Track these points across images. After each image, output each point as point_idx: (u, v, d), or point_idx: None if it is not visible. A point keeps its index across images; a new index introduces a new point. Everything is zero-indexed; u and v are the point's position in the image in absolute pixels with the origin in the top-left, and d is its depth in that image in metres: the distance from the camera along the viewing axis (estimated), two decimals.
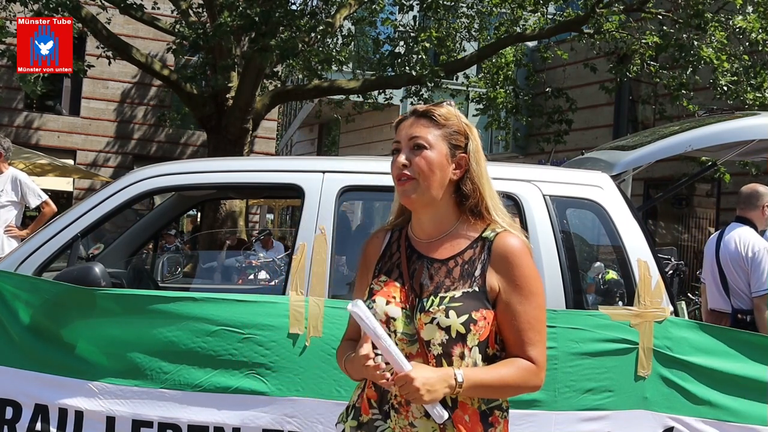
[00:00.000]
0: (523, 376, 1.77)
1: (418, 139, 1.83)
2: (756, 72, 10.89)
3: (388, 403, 1.81)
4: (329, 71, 13.31)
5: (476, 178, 1.86)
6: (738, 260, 4.42)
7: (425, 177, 1.81)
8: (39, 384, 2.80)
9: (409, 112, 1.90)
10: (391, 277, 1.88)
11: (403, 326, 1.80)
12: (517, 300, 1.79)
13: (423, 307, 1.79)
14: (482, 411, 1.80)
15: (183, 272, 5.72)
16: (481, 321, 1.77)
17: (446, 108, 1.88)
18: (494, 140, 21.73)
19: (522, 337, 1.79)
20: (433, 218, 1.88)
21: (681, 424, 2.80)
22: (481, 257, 1.83)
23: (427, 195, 1.82)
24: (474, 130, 1.90)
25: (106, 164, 20.40)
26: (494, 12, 14.25)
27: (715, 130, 3.58)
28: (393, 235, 1.97)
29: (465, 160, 1.86)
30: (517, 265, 1.81)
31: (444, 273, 1.83)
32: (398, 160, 1.83)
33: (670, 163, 12.08)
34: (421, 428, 1.78)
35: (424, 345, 1.78)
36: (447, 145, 1.84)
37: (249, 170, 3.36)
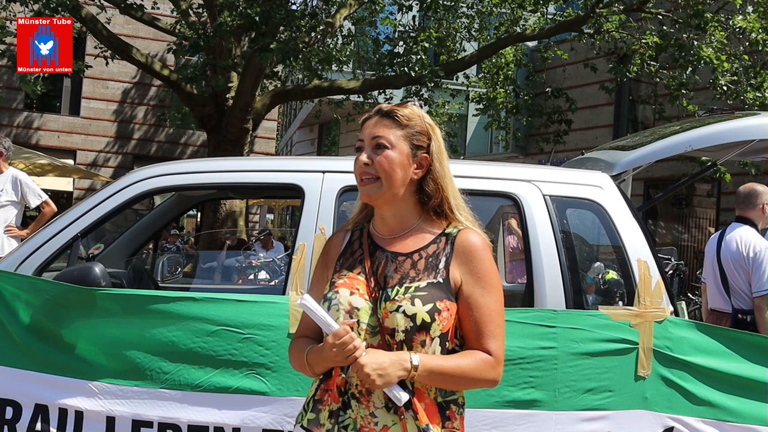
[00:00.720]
0: (481, 368, 1.80)
1: (380, 138, 1.86)
2: (756, 72, 10.89)
3: (348, 393, 1.82)
4: (329, 71, 13.30)
5: (438, 178, 1.90)
6: (739, 260, 4.42)
7: (386, 176, 1.84)
8: (39, 384, 2.80)
9: (374, 111, 1.93)
10: (353, 272, 1.90)
11: (368, 317, 1.82)
12: (479, 293, 1.83)
13: (388, 296, 1.81)
14: (439, 403, 1.82)
15: (183, 272, 5.72)
16: (444, 311, 1.80)
17: (410, 108, 1.91)
18: (494, 140, 21.74)
19: (482, 329, 1.82)
20: (396, 215, 1.91)
21: (681, 424, 2.80)
22: (445, 251, 1.87)
23: (387, 194, 1.86)
24: (437, 131, 1.93)
25: (106, 164, 20.41)
26: (494, 12, 14.27)
27: (715, 130, 3.58)
28: (354, 234, 1.99)
29: (427, 160, 1.89)
30: (480, 259, 1.86)
31: (409, 265, 1.86)
32: (360, 159, 1.87)
33: (670, 163, 12.09)
34: (382, 419, 1.79)
35: (387, 335, 1.79)
36: (408, 145, 1.87)
37: (249, 170, 3.36)
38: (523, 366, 2.72)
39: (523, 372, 2.72)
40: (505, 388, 2.71)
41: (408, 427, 1.76)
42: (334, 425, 1.81)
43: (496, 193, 3.16)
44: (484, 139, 22.55)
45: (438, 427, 1.79)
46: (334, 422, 1.81)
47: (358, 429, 1.79)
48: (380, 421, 1.78)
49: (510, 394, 2.72)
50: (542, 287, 2.93)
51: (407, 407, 1.76)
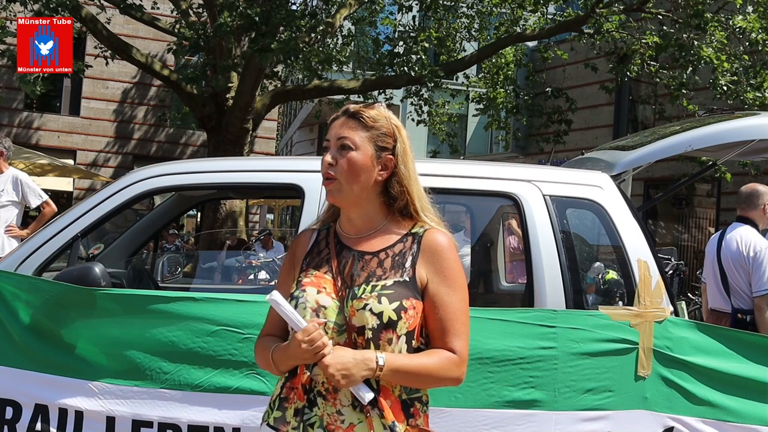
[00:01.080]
0: (445, 366, 1.82)
1: (344, 140, 1.87)
2: (756, 72, 10.89)
3: (314, 391, 1.83)
4: (329, 71, 13.31)
5: (403, 180, 1.91)
6: (740, 260, 4.42)
7: (348, 178, 1.86)
8: (39, 384, 2.80)
9: (341, 111, 1.94)
10: (320, 271, 1.91)
11: (335, 316, 1.83)
12: (444, 291, 1.85)
13: (355, 294, 1.83)
14: (403, 400, 1.84)
15: (183, 272, 5.72)
16: (411, 309, 1.81)
17: (376, 110, 1.92)
18: (494, 140, 21.75)
19: (447, 328, 1.84)
20: (362, 216, 1.93)
21: (681, 424, 2.80)
22: (411, 250, 1.89)
23: (350, 195, 1.87)
24: (403, 132, 1.94)
25: (106, 164, 20.41)
26: (494, 12, 14.27)
27: (715, 130, 3.57)
28: (320, 234, 2.00)
29: (392, 162, 1.90)
30: (446, 258, 1.88)
31: (375, 264, 1.87)
32: (325, 159, 1.88)
33: (670, 163, 12.09)
34: (348, 417, 1.80)
35: (354, 333, 1.81)
36: (373, 146, 1.88)
37: (249, 170, 3.36)
38: (523, 366, 2.72)
39: (523, 372, 2.72)
40: (505, 388, 2.71)
41: (374, 425, 1.77)
42: (299, 423, 1.82)
43: (496, 193, 3.16)
44: (484, 139, 22.57)
45: (403, 425, 1.81)
46: (299, 420, 1.82)
47: (324, 426, 1.80)
48: (346, 419, 1.80)
49: (510, 394, 2.72)
50: (542, 287, 2.93)
51: (373, 405, 1.78)
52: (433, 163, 3.63)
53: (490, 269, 4.75)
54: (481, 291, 4.75)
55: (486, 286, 4.78)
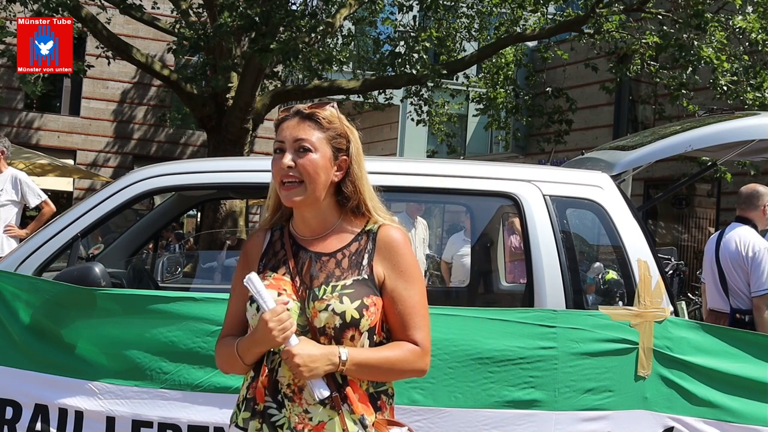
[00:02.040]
0: (408, 358, 1.85)
1: (303, 141, 1.86)
2: (756, 72, 10.89)
3: (281, 392, 1.83)
4: (329, 71, 13.31)
5: (356, 180, 1.92)
6: (738, 260, 4.42)
7: (311, 180, 1.85)
8: (39, 384, 2.80)
9: (292, 111, 1.92)
10: (278, 273, 1.91)
11: (296, 317, 1.83)
12: (402, 286, 1.88)
13: (315, 295, 1.84)
14: (370, 393, 1.86)
15: (183, 272, 5.72)
16: (372, 306, 1.83)
17: (329, 110, 1.91)
18: (494, 140, 21.75)
19: (407, 321, 1.87)
20: (317, 216, 1.93)
21: (681, 425, 2.80)
22: (367, 248, 1.90)
23: (311, 197, 1.87)
24: (355, 133, 1.95)
25: (106, 164, 20.40)
26: (494, 12, 14.26)
27: (715, 130, 3.57)
28: (274, 234, 2.00)
29: (346, 163, 1.91)
30: (401, 254, 1.90)
31: (333, 264, 1.89)
32: (283, 162, 1.86)
33: (670, 163, 12.09)
34: (316, 415, 1.80)
35: (317, 333, 1.82)
36: (330, 148, 1.88)
37: (249, 170, 3.36)
38: (523, 366, 2.72)
39: (523, 372, 2.72)
40: (505, 388, 2.71)
41: (345, 420, 1.78)
42: (262, 425, 1.83)
43: (496, 193, 3.15)
44: (484, 139, 22.57)
45: (372, 417, 1.83)
46: (263, 422, 1.83)
47: (293, 428, 1.80)
48: (315, 417, 1.80)
49: (510, 394, 2.72)
50: (542, 287, 2.93)
51: (343, 400, 1.79)
52: (433, 163, 3.63)
53: (490, 269, 4.75)
54: (481, 291, 4.75)
55: (486, 286, 4.77)
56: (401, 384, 2.34)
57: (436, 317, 2.29)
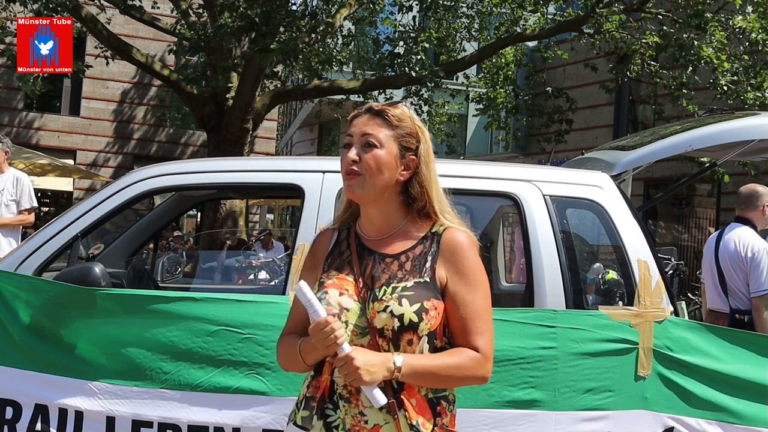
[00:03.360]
0: (469, 365, 1.81)
1: (369, 137, 1.86)
2: (756, 72, 10.90)
3: (336, 393, 1.82)
4: (329, 71, 13.31)
5: (424, 181, 1.90)
6: (737, 260, 4.41)
7: (372, 175, 1.84)
8: (39, 384, 2.80)
9: (364, 108, 1.93)
10: (342, 272, 1.90)
11: (356, 318, 1.83)
12: (465, 290, 1.85)
13: (376, 296, 1.82)
14: (429, 399, 1.83)
15: (183, 272, 5.72)
16: (432, 311, 1.80)
17: (401, 109, 1.91)
18: (494, 140, 21.74)
19: (469, 327, 1.83)
20: (381, 214, 1.92)
21: (681, 425, 2.80)
22: (431, 250, 1.88)
23: (371, 192, 1.86)
24: (426, 134, 1.93)
25: (106, 164, 20.40)
26: (494, 12, 14.27)
27: (715, 130, 3.58)
28: (341, 234, 2.00)
29: (414, 163, 1.89)
30: (466, 257, 1.87)
31: (396, 266, 1.87)
32: (348, 156, 1.86)
33: (670, 163, 12.09)
34: (372, 418, 1.79)
35: (376, 334, 1.80)
36: (397, 146, 1.87)
37: (249, 170, 3.36)
38: (523, 366, 2.72)
39: (523, 372, 2.72)
40: (505, 388, 2.71)
41: (401, 425, 1.77)
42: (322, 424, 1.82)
43: (496, 193, 3.16)
44: (484, 139, 22.55)
45: (429, 423, 1.81)
46: (322, 421, 1.82)
47: (348, 429, 1.80)
48: (370, 420, 1.79)
49: (510, 394, 2.72)
50: (542, 287, 2.93)
51: (399, 406, 1.77)
52: None
53: (490, 269, 4.75)
54: None
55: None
56: None
57: None
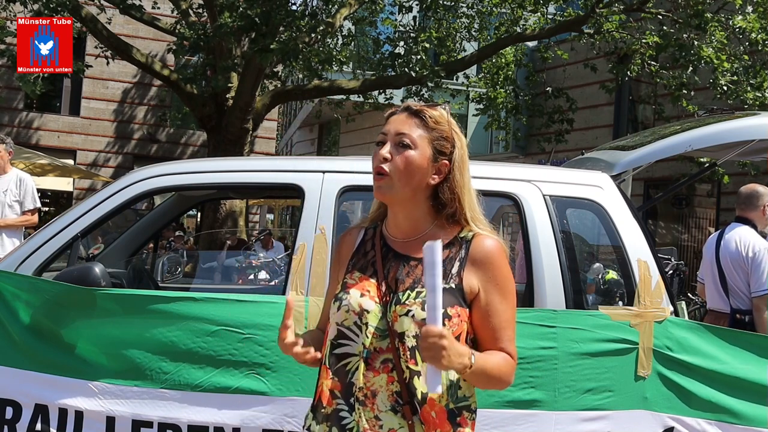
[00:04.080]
0: (509, 370, 1.79)
1: (404, 136, 1.81)
2: (756, 72, 10.90)
3: (353, 395, 1.79)
4: (329, 71, 13.31)
5: (456, 187, 1.84)
6: (738, 260, 4.41)
7: (401, 176, 1.79)
8: (39, 384, 2.80)
9: (402, 106, 1.89)
10: (365, 274, 1.87)
11: (377, 321, 1.79)
12: (498, 299, 1.80)
13: (399, 300, 1.78)
14: (450, 410, 1.78)
15: (183, 272, 5.72)
16: (455, 317, 1.76)
17: (439, 111, 1.86)
18: (494, 140, 21.73)
19: (500, 335, 1.80)
20: (409, 217, 1.86)
21: (681, 425, 2.80)
22: (459, 256, 1.82)
23: (399, 194, 1.81)
24: (462, 140, 1.88)
25: (106, 164, 20.41)
26: (494, 12, 14.27)
27: (715, 130, 3.58)
28: (367, 233, 1.96)
29: (447, 167, 1.83)
30: (498, 266, 1.82)
31: (421, 271, 1.81)
32: (380, 153, 1.81)
33: (670, 163, 12.09)
34: (387, 422, 1.76)
35: (396, 338, 1.77)
36: (431, 148, 1.82)
37: (249, 170, 3.36)
38: (523, 366, 2.72)
39: (523, 372, 2.72)
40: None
41: (416, 431, 1.74)
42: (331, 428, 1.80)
43: (496, 193, 3.15)
44: (484, 139, 22.54)
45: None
46: (333, 425, 1.80)
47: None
48: (385, 424, 1.76)
49: (510, 394, 2.72)
50: (542, 287, 2.93)
51: (414, 412, 1.74)
52: None
53: None
54: None
55: None
56: None
57: None
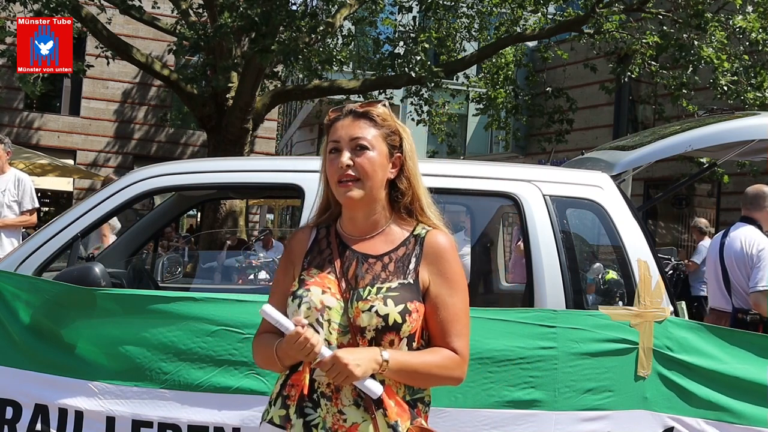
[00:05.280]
0: (447, 365, 1.84)
1: (359, 140, 1.86)
2: (756, 72, 10.90)
3: (317, 392, 1.83)
4: (329, 71, 13.31)
5: (411, 176, 1.92)
6: (743, 259, 4.42)
7: (369, 177, 1.85)
8: (39, 384, 2.80)
9: (344, 111, 1.92)
10: (323, 271, 1.90)
11: (338, 317, 1.84)
12: (446, 293, 1.87)
13: (360, 296, 1.83)
14: (407, 401, 1.85)
15: (183, 272, 5.72)
16: (414, 312, 1.83)
17: (382, 108, 1.92)
18: (494, 140, 21.74)
19: (448, 329, 1.86)
20: (368, 216, 1.92)
21: (681, 425, 2.80)
22: (414, 252, 1.90)
23: (369, 195, 1.87)
24: (407, 130, 1.96)
25: (106, 164, 20.40)
26: (494, 12, 14.27)
27: (715, 130, 3.57)
28: (320, 232, 1.99)
29: (400, 160, 1.92)
30: (448, 260, 1.90)
31: (379, 267, 1.88)
32: (341, 161, 1.85)
33: (670, 163, 12.09)
34: (350, 416, 1.81)
35: (357, 333, 1.81)
36: (386, 145, 1.89)
37: (249, 170, 3.36)
38: (523, 366, 2.72)
39: (523, 372, 2.72)
40: (505, 388, 2.71)
41: (379, 424, 1.78)
42: (302, 422, 1.83)
43: (496, 193, 3.16)
44: (484, 139, 22.56)
45: (407, 424, 1.82)
46: (302, 419, 1.83)
47: (328, 428, 1.81)
48: (349, 419, 1.81)
49: (510, 394, 2.72)
50: (542, 287, 2.93)
51: (378, 405, 1.79)
52: (433, 163, 3.63)
53: (490, 269, 4.75)
54: (481, 291, 4.75)
55: (486, 286, 4.78)
56: None
57: None
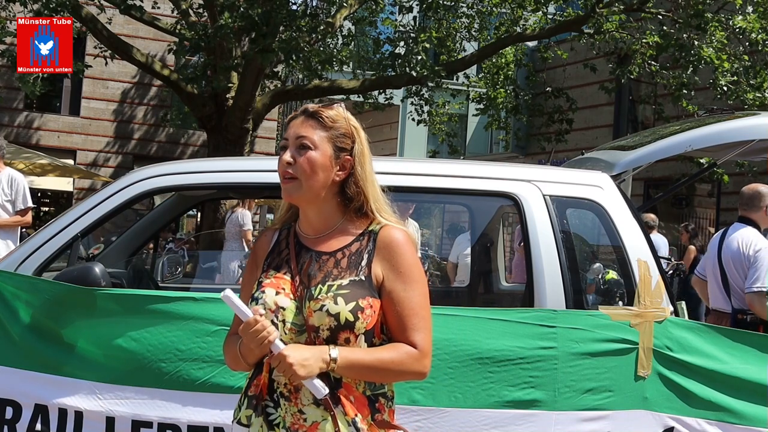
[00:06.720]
0: (405, 360, 1.83)
1: (303, 139, 1.89)
2: (756, 72, 10.90)
3: (277, 391, 1.85)
4: (329, 71, 13.31)
5: (360, 181, 1.92)
6: (740, 260, 4.42)
7: (307, 177, 1.87)
8: (39, 384, 2.80)
9: (300, 110, 1.95)
10: (280, 272, 1.92)
11: (293, 316, 1.85)
12: (401, 287, 1.87)
13: (311, 295, 1.84)
14: (368, 396, 1.85)
15: (183, 272, 5.72)
16: (368, 309, 1.83)
17: (335, 110, 1.93)
18: (494, 140, 21.76)
19: (405, 323, 1.85)
20: (320, 214, 1.94)
21: (681, 425, 2.80)
22: (367, 248, 1.90)
23: (308, 194, 1.89)
24: (362, 133, 1.96)
25: (106, 164, 20.39)
26: (494, 12, 14.27)
27: (715, 130, 3.58)
28: (282, 234, 2.02)
29: (349, 163, 1.92)
30: (401, 254, 1.89)
31: (332, 264, 1.89)
32: (283, 158, 1.90)
33: (670, 163, 12.09)
34: (310, 415, 1.81)
35: (312, 333, 1.82)
36: (332, 147, 1.90)
37: (249, 170, 3.36)
38: (523, 366, 2.72)
39: (523, 372, 2.72)
40: (505, 388, 2.71)
41: (339, 422, 1.79)
42: (264, 421, 1.85)
43: (496, 193, 3.16)
44: (484, 139, 22.58)
45: (367, 419, 1.83)
46: (264, 418, 1.85)
47: (288, 427, 1.82)
48: (309, 418, 1.81)
49: (510, 394, 2.72)
50: (542, 287, 2.93)
51: (336, 403, 1.79)
52: (433, 163, 3.63)
53: (490, 269, 4.75)
54: (481, 291, 4.75)
55: (486, 286, 4.78)
56: (401, 384, 2.34)
57: (436, 317, 2.28)
